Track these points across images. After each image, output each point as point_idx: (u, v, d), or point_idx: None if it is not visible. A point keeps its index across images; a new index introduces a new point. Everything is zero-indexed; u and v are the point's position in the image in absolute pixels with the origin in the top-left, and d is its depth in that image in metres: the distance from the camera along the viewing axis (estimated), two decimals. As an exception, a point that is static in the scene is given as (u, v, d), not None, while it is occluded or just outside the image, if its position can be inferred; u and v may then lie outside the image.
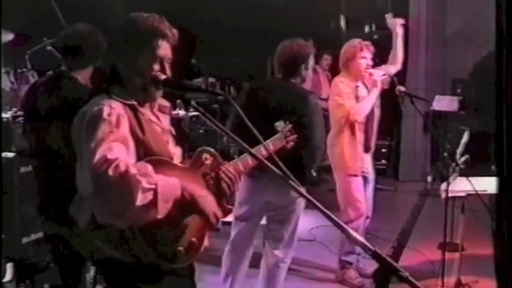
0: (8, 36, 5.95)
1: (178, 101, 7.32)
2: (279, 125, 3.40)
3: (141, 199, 2.08)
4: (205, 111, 2.29)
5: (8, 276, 4.41)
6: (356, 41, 5.14)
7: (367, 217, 5.27)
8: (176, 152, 2.49)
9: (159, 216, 2.15)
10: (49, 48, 5.89)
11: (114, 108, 2.26)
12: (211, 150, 2.55)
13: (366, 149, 5.13)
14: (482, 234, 4.89)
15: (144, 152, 2.29)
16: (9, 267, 4.42)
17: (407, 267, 4.28)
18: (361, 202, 5.11)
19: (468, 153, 4.73)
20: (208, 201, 2.36)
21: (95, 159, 2.11)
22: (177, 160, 2.45)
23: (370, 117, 5.09)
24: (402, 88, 4.95)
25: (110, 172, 2.07)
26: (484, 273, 4.67)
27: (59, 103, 3.36)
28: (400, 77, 5.27)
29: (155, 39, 2.38)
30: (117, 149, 2.16)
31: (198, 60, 8.59)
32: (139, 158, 2.27)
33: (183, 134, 6.92)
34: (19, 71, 5.81)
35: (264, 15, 9.69)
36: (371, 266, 4.91)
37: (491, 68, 1.42)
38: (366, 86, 5.13)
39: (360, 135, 5.05)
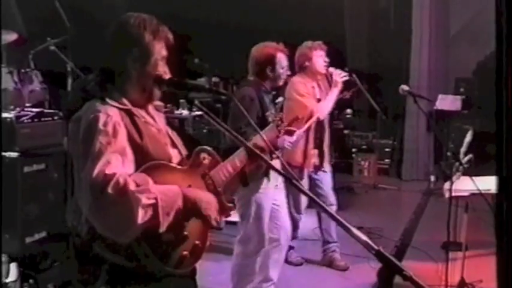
0: (11, 36, 5.97)
1: (181, 100, 7.35)
2: (270, 114, 3.42)
3: (142, 216, 2.05)
4: (209, 111, 2.29)
5: (12, 276, 4.42)
6: (309, 42, 5.35)
7: (331, 204, 5.39)
8: (173, 153, 2.45)
9: (161, 230, 2.13)
10: (52, 48, 5.90)
11: (110, 116, 2.21)
12: (209, 149, 2.53)
13: (316, 145, 5.30)
14: (486, 234, 4.88)
15: (143, 157, 2.24)
16: (12, 267, 4.44)
17: (410, 266, 4.28)
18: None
19: (471, 152, 4.74)
20: (208, 204, 2.34)
21: (93, 174, 2.06)
22: (175, 161, 2.42)
23: None
24: (405, 87, 4.98)
25: (110, 190, 2.03)
26: (487, 272, 4.67)
27: None
28: (403, 76, 5.29)
29: (161, 40, 2.37)
30: (115, 162, 2.11)
31: (201, 59, 8.60)
32: (137, 164, 2.22)
33: (185, 135, 6.93)
34: (22, 71, 5.82)
35: (267, 14, 9.70)
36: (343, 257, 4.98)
37: (494, 67, 1.42)
38: (319, 87, 5.37)
39: (312, 133, 5.24)
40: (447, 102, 8.56)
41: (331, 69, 5.27)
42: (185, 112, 7.33)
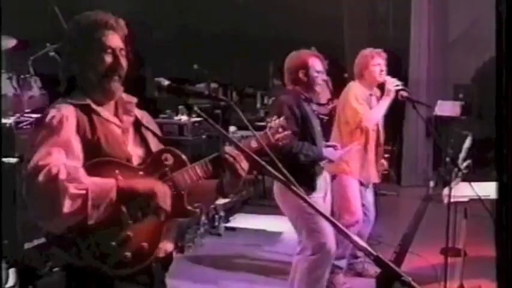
0: (10, 42, 5.97)
1: (180, 106, 7.35)
2: (269, 120, 3.40)
3: (68, 206, 2.04)
4: (208, 117, 2.28)
5: (11, 281, 4.41)
6: (367, 50, 5.25)
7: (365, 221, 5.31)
8: (136, 153, 2.42)
9: (91, 222, 2.09)
10: (52, 54, 5.90)
11: (60, 111, 2.25)
12: (175, 150, 2.45)
13: (377, 156, 5.23)
14: (485, 240, 4.87)
15: (94, 153, 2.25)
16: (11, 273, 4.43)
17: (409, 272, 4.26)
18: (357, 208, 5.16)
19: (470, 158, 4.74)
20: (163, 195, 2.26)
21: (30, 163, 2.10)
22: (136, 161, 2.39)
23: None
24: (404, 93, 4.98)
25: (41, 177, 2.04)
26: (487, 278, 4.67)
27: None
28: (403, 82, 5.24)
29: (100, 30, 2.37)
30: (55, 155, 2.12)
31: (200, 65, 8.59)
32: (88, 159, 2.23)
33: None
34: (22, 76, 5.82)
35: (266, 21, 9.72)
36: (374, 267, 4.95)
37: (493, 73, 1.43)
38: (376, 97, 5.23)
39: (372, 143, 5.14)
40: (446, 108, 8.57)
41: (385, 77, 5.12)
42: (184, 118, 7.32)
